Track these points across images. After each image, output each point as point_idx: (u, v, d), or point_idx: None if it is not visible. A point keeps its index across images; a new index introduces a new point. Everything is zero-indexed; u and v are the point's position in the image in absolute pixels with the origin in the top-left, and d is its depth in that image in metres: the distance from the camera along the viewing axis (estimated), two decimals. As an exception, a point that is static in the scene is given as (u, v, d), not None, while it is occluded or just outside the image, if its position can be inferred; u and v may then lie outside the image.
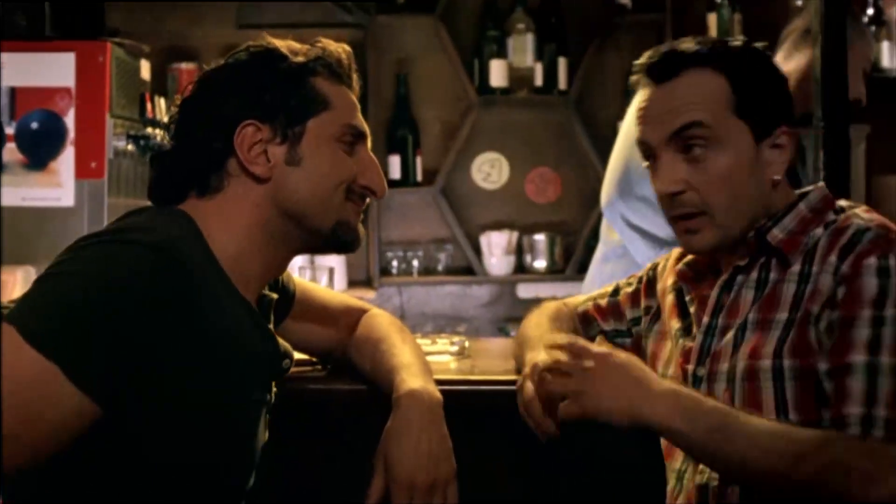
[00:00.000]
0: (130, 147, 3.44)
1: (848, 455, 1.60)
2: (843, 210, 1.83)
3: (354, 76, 1.82)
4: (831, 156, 2.53)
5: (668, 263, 2.03)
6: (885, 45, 5.00)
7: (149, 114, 3.64)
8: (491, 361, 2.23)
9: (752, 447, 1.63)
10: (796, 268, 1.78)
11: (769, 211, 1.83)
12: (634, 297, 2.10)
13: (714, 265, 1.90)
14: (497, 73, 5.10)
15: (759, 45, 1.91)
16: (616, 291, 2.15)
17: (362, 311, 2.08)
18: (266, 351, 1.75)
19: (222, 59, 1.79)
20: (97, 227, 3.26)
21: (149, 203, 1.79)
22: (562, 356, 1.79)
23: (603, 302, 2.15)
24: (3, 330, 1.49)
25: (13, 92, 3.24)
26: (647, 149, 1.86)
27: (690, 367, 1.84)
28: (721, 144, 1.79)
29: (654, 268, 2.09)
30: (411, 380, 1.85)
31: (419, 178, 5.07)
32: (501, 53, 5.13)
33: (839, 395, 1.66)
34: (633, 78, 1.88)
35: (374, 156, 1.83)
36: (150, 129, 3.58)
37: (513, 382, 1.94)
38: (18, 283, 3.03)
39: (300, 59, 1.75)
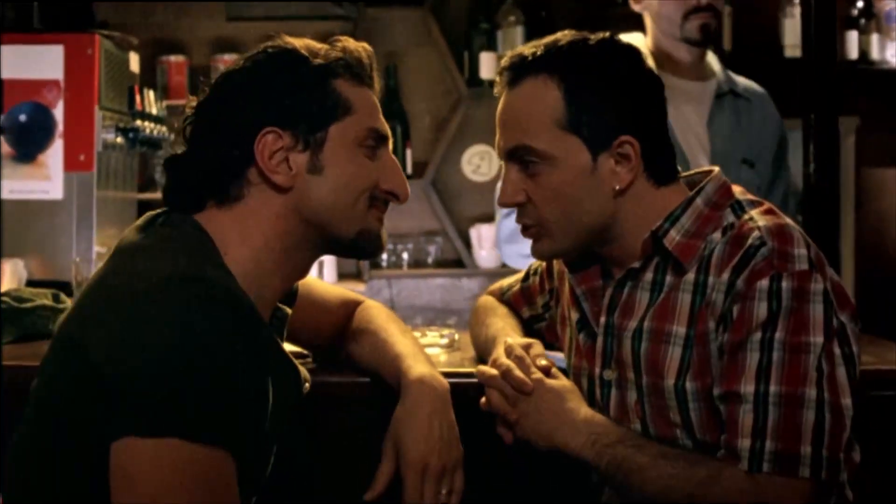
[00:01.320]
0: (119, 140, 3.44)
1: (735, 493, 1.64)
2: (741, 207, 1.80)
3: (376, 76, 1.76)
4: (821, 148, 2.53)
5: None
6: (874, 38, 5.01)
7: (137, 106, 3.63)
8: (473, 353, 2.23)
9: (649, 483, 1.69)
10: (691, 276, 1.76)
11: (619, 217, 1.81)
12: (541, 282, 2.13)
13: (600, 255, 1.89)
14: (487, 66, 5.09)
15: (626, 36, 1.87)
16: (527, 276, 2.19)
17: (357, 303, 2.08)
18: (292, 379, 1.72)
19: (241, 60, 1.71)
20: (86, 220, 3.27)
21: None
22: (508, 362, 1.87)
23: (517, 290, 2.20)
24: (154, 445, 1.44)
25: (1, 84, 3.23)
26: (498, 155, 1.87)
27: (597, 370, 1.86)
28: (554, 160, 1.78)
29: None
30: (418, 366, 1.86)
31: (409, 170, 5.06)
32: (491, 46, 5.12)
33: (730, 426, 1.67)
34: (496, 79, 1.87)
35: (395, 158, 1.78)
36: (138, 122, 3.58)
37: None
38: (6, 275, 3.03)
39: (320, 60, 1.69)
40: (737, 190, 1.84)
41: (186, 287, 1.51)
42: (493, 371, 1.87)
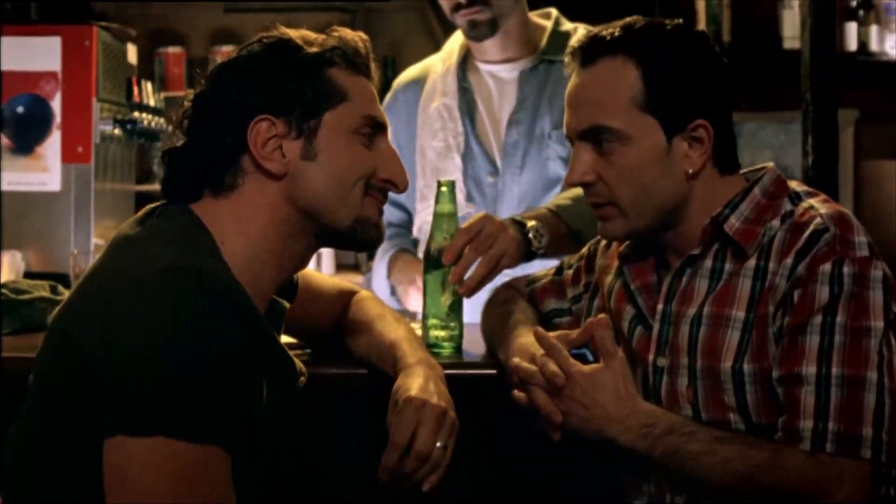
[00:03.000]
0: (117, 131, 3.43)
1: (796, 473, 1.64)
2: (798, 197, 1.83)
3: (373, 65, 1.76)
4: (819, 140, 2.53)
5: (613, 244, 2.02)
6: (873, 29, 5.00)
7: (135, 98, 3.62)
8: (478, 346, 2.23)
9: (707, 469, 1.68)
10: (752, 262, 1.78)
11: (689, 201, 1.83)
12: (576, 275, 2.13)
13: (657, 249, 1.90)
14: (485, 58, 5.08)
15: (699, 30, 1.89)
16: (560, 270, 2.18)
17: (353, 294, 2.09)
18: (287, 373, 1.71)
19: (237, 51, 1.73)
20: (84, 212, 3.27)
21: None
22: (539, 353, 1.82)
23: (546, 282, 2.18)
24: (144, 444, 1.43)
25: (0, 76, 3.23)
26: (568, 139, 1.88)
27: (651, 357, 1.85)
28: (629, 140, 1.79)
29: (597, 243, 2.11)
30: (415, 353, 1.86)
31: (407, 162, 5.06)
32: (489, 37, 5.11)
33: (791, 407, 1.68)
34: (566, 59, 1.88)
35: (394, 148, 1.78)
36: (136, 114, 3.57)
37: (501, 366, 1.94)
38: (4, 267, 3.03)
39: (315, 49, 1.69)
40: (793, 182, 1.87)
41: (178, 279, 1.50)
42: (532, 367, 1.82)
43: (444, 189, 2.17)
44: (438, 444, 1.73)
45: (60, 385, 1.53)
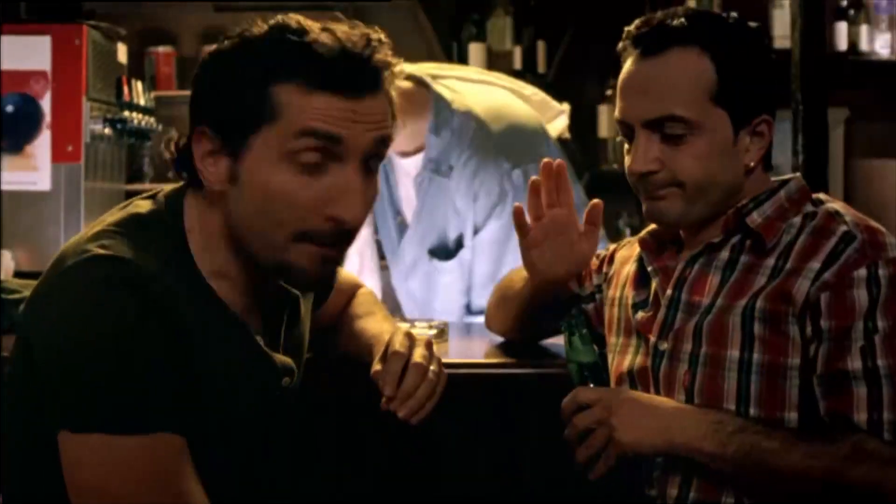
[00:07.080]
0: (107, 130, 3.43)
1: (884, 462, 1.64)
2: (820, 202, 1.84)
3: (369, 79, 1.64)
4: (809, 139, 2.53)
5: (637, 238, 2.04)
6: (863, 29, 5.01)
7: (125, 97, 3.62)
8: (470, 344, 2.23)
9: (787, 467, 1.66)
10: (770, 261, 1.78)
11: (739, 195, 1.83)
12: (599, 265, 2.12)
13: (678, 238, 1.90)
14: (475, 57, 5.08)
15: (752, 24, 1.90)
16: None
17: (358, 287, 2.06)
18: (257, 373, 1.64)
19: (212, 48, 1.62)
20: (74, 211, 3.26)
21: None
22: None
23: None
24: (84, 440, 1.41)
25: (-3, 75, 3.22)
26: (625, 127, 1.84)
27: (652, 339, 1.84)
28: (699, 130, 1.79)
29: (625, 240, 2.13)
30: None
31: (398, 161, 5.06)
32: (480, 37, 5.12)
33: (840, 400, 1.68)
34: (621, 45, 1.86)
35: (356, 176, 1.53)
36: (126, 113, 3.57)
37: (492, 365, 1.94)
38: (-6, 266, 3.02)
39: (264, 57, 1.52)
40: (820, 194, 1.88)
41: (90, 269, 1.47)
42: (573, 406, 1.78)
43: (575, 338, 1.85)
44: (432, 368, 1.70)
45: (20, 377, 1.53)
